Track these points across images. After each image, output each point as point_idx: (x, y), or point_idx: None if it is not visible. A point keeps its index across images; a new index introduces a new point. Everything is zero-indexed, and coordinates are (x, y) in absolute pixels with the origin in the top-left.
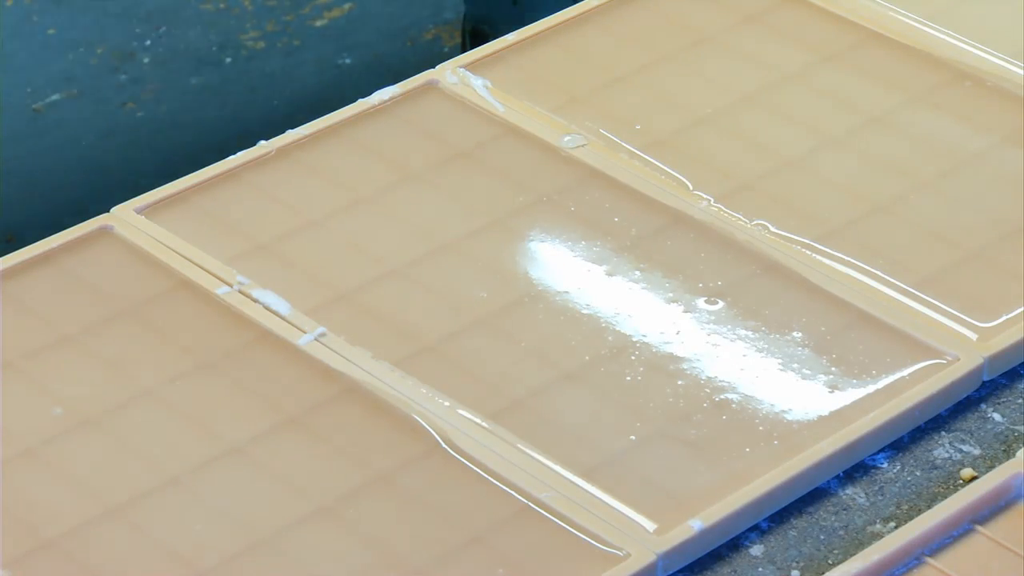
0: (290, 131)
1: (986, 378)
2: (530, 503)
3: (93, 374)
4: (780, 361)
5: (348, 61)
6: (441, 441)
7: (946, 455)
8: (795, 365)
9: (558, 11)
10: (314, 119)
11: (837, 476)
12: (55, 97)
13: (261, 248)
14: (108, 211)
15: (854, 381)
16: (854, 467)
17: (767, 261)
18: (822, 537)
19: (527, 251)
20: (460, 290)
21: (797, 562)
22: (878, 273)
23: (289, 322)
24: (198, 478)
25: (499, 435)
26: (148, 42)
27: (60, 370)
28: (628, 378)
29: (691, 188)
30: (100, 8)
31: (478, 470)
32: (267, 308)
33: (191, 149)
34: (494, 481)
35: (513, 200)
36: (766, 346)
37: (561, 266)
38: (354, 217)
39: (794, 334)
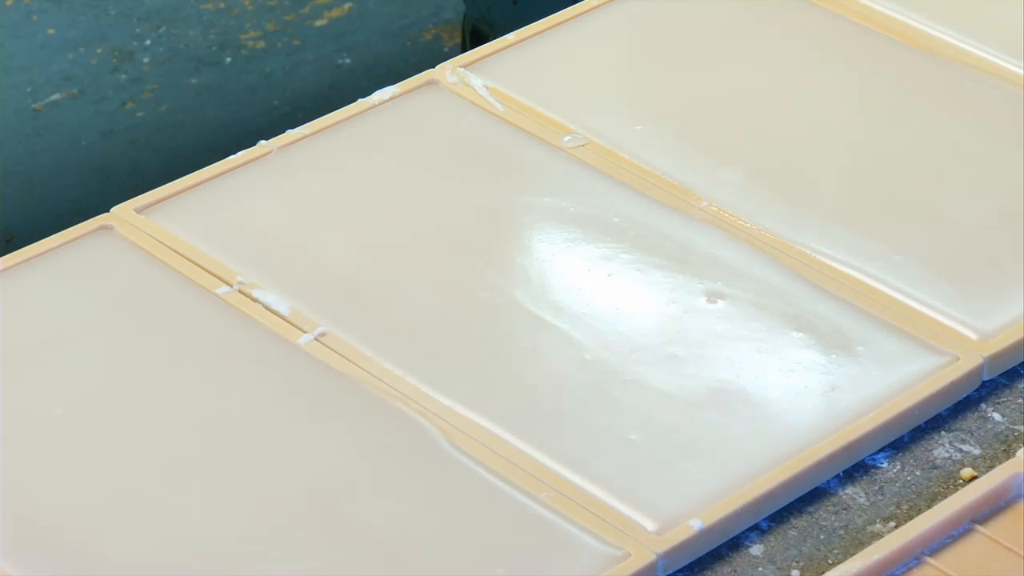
0: (290, 131)
1: (986, 378)
2: (530, 503)
3: (93, 374)
4: (780, 361)
5: (348, 61)
6: (441, 441)
7: (946, 455)
8: (795, 365)
9: (558, 11)
10: (314, 119)
11: (837, 476)
12: (55, 97)
13: (261, 247)
14: (108, 211)
15: (854, 381)
16: (854, 467)
17: (767, 261)
18: (822, 537)
19: (527, 251)
20: (460, 290)
21: (797, 562)
22: (878, 273)
23: (289, 322)
24: (198, 476)
25: (499, 435)
26: (148, 42)
27: (60, 370)
28: (628, 378)
29: (691, 188)
30: (100, 8)
31: (478, 470)
32: (267, 308)
33: (191, 149)
34: (494, 481)
35: (513, 200)
36: (766, 346)
37: (561, 266)
38: (354, 217)
39: (794, 334)
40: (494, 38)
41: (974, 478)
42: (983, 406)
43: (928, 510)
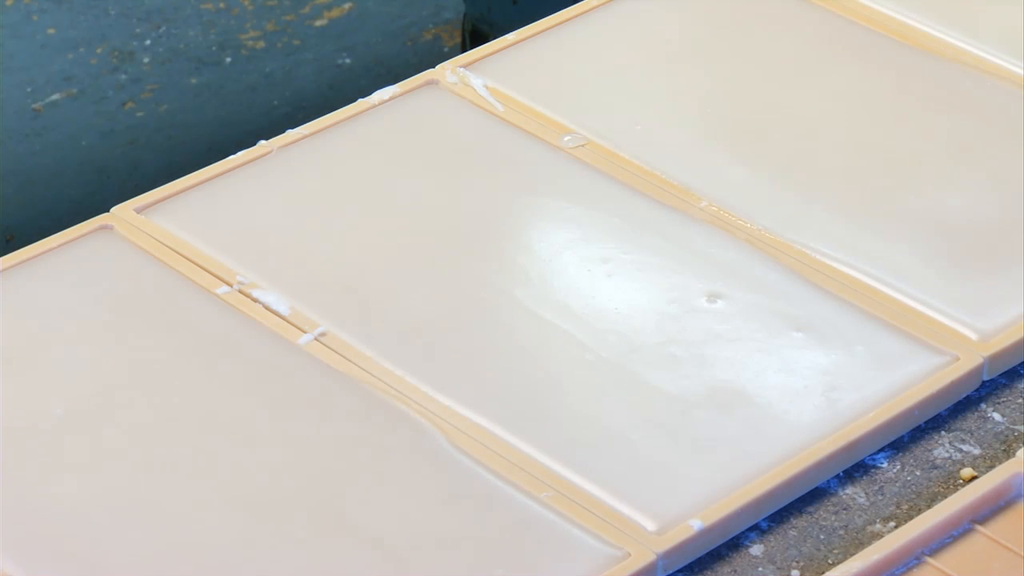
0: (290, 131)
1: (986, 378)
2: (530, 503)
3: (93, 374)
4: (780, 361)
5: (348, 61)
6: (441, 441)
7: (946, 455)
8: (795, 365)
9: (558, 11)
10: (314, 119)
11: (837, 476)
12: (55, 97)
13: (261, 247)
14: (108, 211)
15: (854, 381)
16: (854, 467)
17: (767, 261)
18: (822, 537)
19: (527, 251)
20: (460, 290)
21: (797, 562)
22: (878, 273)
23: (289, 322)
24: (197, 476)
25: (499, 435)
26: (148, 42)
27: (60, 370)
28: (628, 378)
29: (691, 188)
30: (100, 8)
31: (478, 470)
32: (267, 308)
33: (191, 149)
34: (494, 481)
35: (513, 200)
36: (766, 346)
37: (561, 266)
38: (354, 217)
39: (794, 334)
40: (494, 38)
41: (974, 478)
42: (983, 406)
43: (928, 510)
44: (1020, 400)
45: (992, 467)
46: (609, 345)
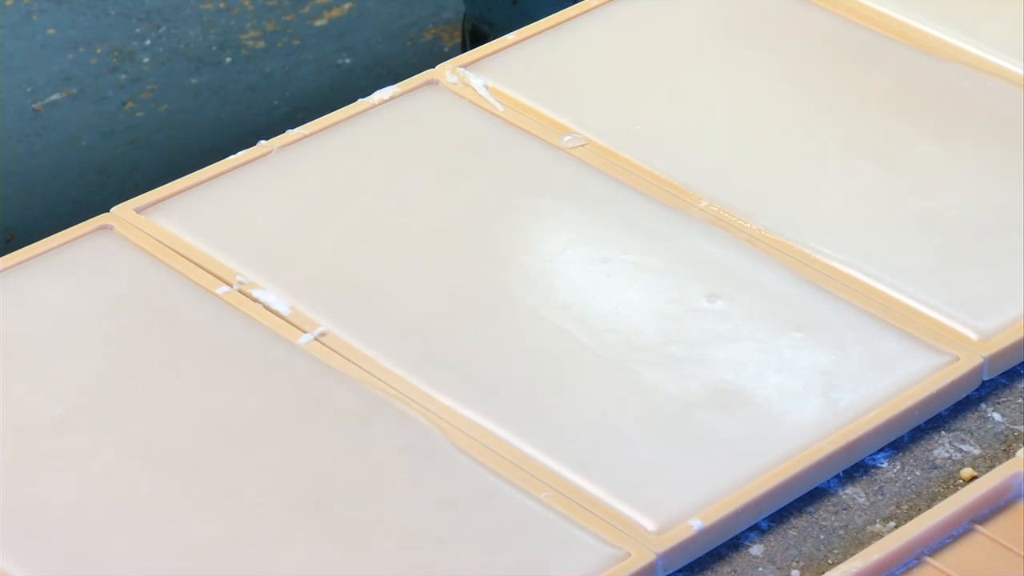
0: (290, 131)
1: (986, 378)
2: (530, 503)
3: (93, 374)
4: (780, 361)
5: (348, 61)
6: (441, 441)
7: (946, 455)
8: (795, 365)
9: (558, 11)
10: (314, 119)
11: (837, 476)
12: (55, 97)
13: (261, 247)
14: (108, 211)
15: (854, 381)
16: (854, 467)
17: (767, 261)
18: (822, 537)
19: (527, 251)
20: (461, 290)
21: (797, 562)
22: (878, 273)
23: (289, 322)
24: (198, 476)
25: (499, 435)
26: (148, 42)
27: (60, 370)
28: (628, 377)
29: (691, 188)
30: (100, 8)
31: (478, 470)
32: (267, 308)
33: (191, 149)
34: (494, 481)
35: (513, 200)
36: (766, 346)
37: (561, 266)
38: (354, 217)
39: (794, 334)
40: (494, 38)
41: (974, 478)
42: (983, 406)
43: (928, 510)
44: (1020, 400)
45: (992, 467)
46: (609, 345)
